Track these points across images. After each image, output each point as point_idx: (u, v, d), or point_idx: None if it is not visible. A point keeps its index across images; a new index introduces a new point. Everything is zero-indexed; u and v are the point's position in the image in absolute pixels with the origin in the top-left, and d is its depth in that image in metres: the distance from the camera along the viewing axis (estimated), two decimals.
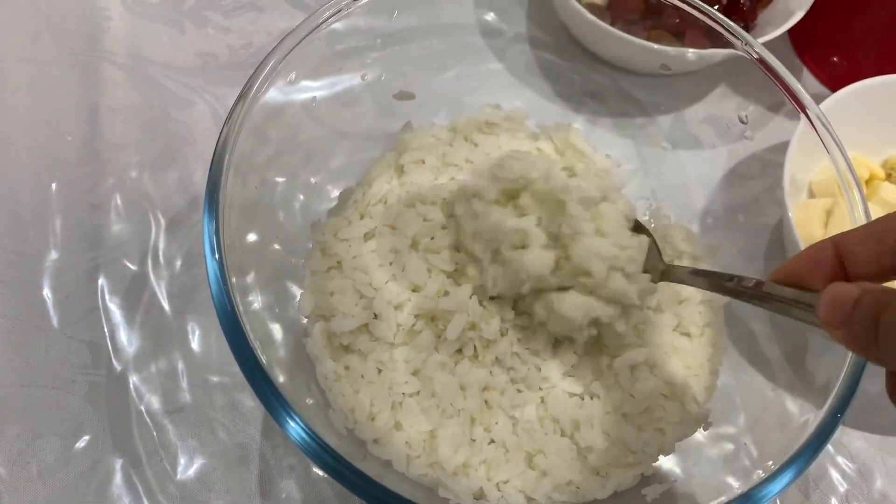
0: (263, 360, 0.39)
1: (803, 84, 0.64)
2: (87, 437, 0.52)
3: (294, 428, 0.36)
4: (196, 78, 0.69)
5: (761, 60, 0.53)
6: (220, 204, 0.44)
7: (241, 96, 0.47)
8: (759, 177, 0.63)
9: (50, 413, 0.53)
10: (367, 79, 0.61)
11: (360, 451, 0.46)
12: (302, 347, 0.50)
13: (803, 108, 0.51)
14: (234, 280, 0.42)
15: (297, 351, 0.50)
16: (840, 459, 0.57)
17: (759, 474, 0.42)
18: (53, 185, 0.62)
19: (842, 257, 0.36)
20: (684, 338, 0.54)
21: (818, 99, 0.54)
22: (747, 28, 0.71)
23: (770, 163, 0.62)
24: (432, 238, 0.52)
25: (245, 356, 0.38)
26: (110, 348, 0.56)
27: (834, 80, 0.77)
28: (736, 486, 0.44)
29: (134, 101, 0.67)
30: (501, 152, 0.57)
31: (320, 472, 0.53)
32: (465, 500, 0.45)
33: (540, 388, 0.49)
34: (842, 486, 0.56)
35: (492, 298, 0.50)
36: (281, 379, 0.41)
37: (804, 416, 0.46)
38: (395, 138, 0.62)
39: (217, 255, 0.41)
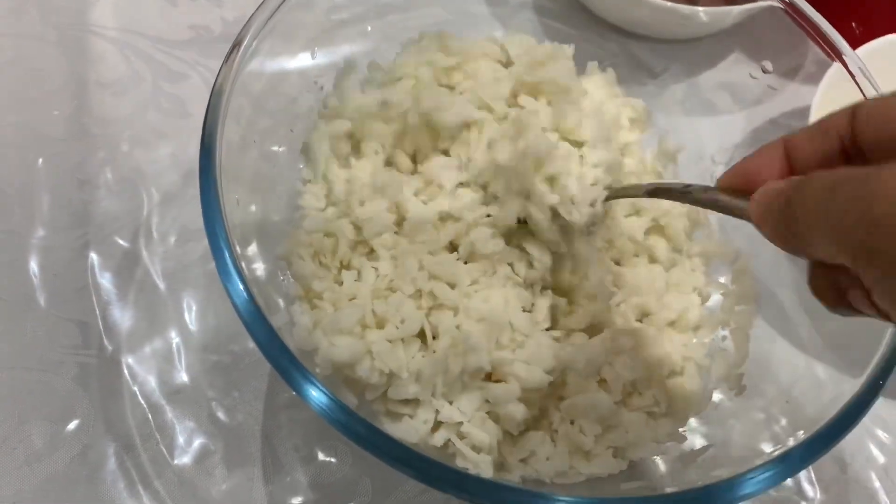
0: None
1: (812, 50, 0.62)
2: (76, 421, 0.49)
3: (316, 396, 0.34)
4: (189, 51, 0.66)
5: (791, 4, 0.49)
6: (215, 166, 0.42)
7: (234, 46, 0.44)
8: None
9: (37, 396, 0.50)
10: (365, 48, 0.59)
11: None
12: None
13: (839, 55, 0.48)
14: (238, 249, 0.40)
15: None
16: (879, 432, 0.54)
17: (790, 443, 0.40)
18: (40, 161, 0.58)
19: (790, 157, 0.33)
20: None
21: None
22: None
23: (789, 128, 0.60)
24: None
25: (255, 321, 0.36)
26: (101, 328, 0.53)
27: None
28: (768, 453, 0.41)
29: (124, 75, 0.64)
30: None
31: (326, 456, 0.50)
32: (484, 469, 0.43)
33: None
34: (881, 459, 0.54)
35: None
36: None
37: (838, 385, 0.43)
38: None
39: (220, 221, 0.39)
